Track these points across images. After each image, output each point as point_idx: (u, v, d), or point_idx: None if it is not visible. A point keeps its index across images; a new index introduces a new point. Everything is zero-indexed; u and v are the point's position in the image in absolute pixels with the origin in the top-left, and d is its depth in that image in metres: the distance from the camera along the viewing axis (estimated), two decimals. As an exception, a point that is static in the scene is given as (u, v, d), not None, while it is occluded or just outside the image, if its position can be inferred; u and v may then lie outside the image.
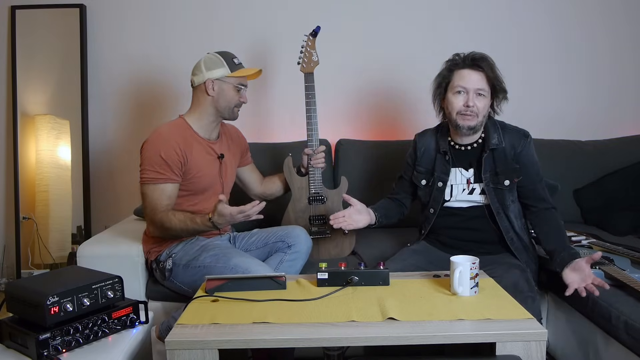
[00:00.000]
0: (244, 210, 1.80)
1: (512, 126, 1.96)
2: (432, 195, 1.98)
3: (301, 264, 2.04)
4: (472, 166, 1.94)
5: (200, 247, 1.98)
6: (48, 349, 1.33)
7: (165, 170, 1.91)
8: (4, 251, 3.01)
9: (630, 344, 1.57)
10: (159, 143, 1.93)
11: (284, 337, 1.31)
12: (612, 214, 2.55)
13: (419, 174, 2.03)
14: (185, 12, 2.89)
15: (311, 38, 2.24)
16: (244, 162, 2.28)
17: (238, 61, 2.05)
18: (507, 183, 1.89)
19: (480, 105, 1.84)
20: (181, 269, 1.94)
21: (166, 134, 1.96)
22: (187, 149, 1.96)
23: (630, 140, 2.79)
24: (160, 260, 2.00)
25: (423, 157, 2.02)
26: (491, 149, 1.89)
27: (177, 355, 1.30)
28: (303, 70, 2.24)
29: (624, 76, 2.97)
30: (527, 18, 2.91)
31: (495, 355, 1.30)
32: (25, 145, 2.92)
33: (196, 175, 1.99)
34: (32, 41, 2.89)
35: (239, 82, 2.03)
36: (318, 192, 2.25)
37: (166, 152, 1.91)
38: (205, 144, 2.05)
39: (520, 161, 1.90)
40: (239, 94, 2.04)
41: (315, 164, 2.21)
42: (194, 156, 1.98)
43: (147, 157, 1.92)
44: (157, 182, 1.91)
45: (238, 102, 2.04)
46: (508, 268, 1.81)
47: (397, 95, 2.92)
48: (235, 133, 2.27)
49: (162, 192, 1.92)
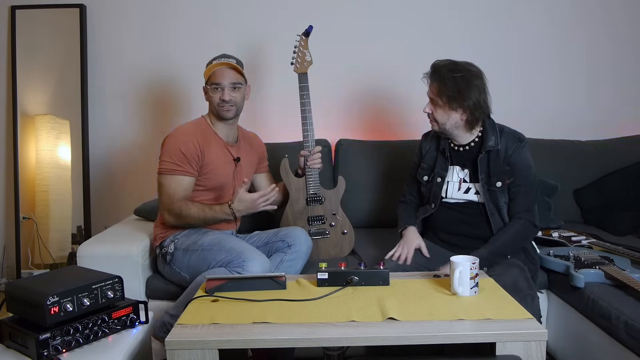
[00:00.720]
0: (264, 194, 1.92)
1: (509, 129, 1.98)
2: (432, 190, 2.03)
3: (301, 264, 2.05)
4: (467, 167, 1.98)
5: (202, 232, 2.03)
6: (48, 349, 1.33)
7: (183, 164, 1.97)
8: (4, 251, 3.01)
9: (630, 344, 1.57)
10: (180, 137, 2.01)
11: (284, 337, 1.31)
12: (612, 214, 2.55)
13: (422, 170, 2.09)
14: (184, 13, 2.89)
15: (304, 38, 2.24)
16: (261, 169, 2.32)
17: (217, 61, 2.07)
18: (499, 185, 1.91)
19: (436, 114, 1.92)
20: (181, 253, 1.98)
21: (187, 130, 2.05)
22: (205, 145, 2.03)
23: (630, 140, 2.79)
24: (163, 245, 2.04)
25: (427, 155, 2.08)
26: (487, 151, 1.92)
27: (177, 355, 1.30)
28: (297, 70, 2.24)
29: (624, 76, 2.97)
30: (527, 18, 2.91)
31: (495, 355, 1.30)
32: (25, 145, 2.92)
33: (211, 171, 2.04)
34: (32, 41, 2.89)
35: (211, 83, 2.05)
36: (316, 193, 2.24)
37: (185, 146, 1.98)
38: (223, 145, 2.10)
39: (511, 163, 1.92)
40: (217, 93, 2.04)
41: (312, 164, 2.21)
42: (210, 153, 2.04)
43: (166, 150, 2.00)
44: (175, 173, 1.97)
45: (218, 101, 2.05)
46: (507, 267, 1.83)
47: (398, 95, 2.92)
48: (255, 140, 2.32)
49: (179, 183, 1.98)
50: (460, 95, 1.85)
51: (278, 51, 2.85)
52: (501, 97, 2.94)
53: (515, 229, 1.91)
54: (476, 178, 1.95)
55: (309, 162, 2.21)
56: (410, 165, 2.19)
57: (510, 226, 1.92)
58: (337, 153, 2.69)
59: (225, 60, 2.06)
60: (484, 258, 1.81)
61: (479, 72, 1.90)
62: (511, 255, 1.93)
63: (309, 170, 2.22)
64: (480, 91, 1.87)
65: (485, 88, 1.90)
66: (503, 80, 2.95)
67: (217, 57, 2.09)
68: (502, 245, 1.89)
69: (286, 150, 2.40)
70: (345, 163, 2.65)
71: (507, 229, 1.92)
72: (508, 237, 1.90)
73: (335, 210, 2.27)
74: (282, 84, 2.86)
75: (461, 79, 1.84)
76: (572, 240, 2.21)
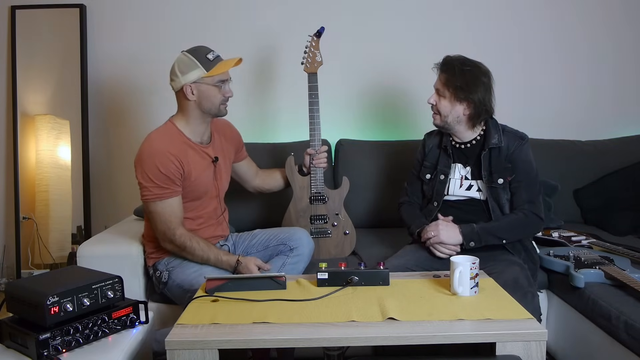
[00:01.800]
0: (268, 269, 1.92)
1: (511, 129, 2.00)
2: (434, 188, 2.03)
3: (303, 266, 2.04)
4: (469, 164, 1.99)
5: None
6: (48, 349, 1.33)
7: (168, 185, 1.85)
8: (4, 251, 3.01)
9: (630, 344, 1.57)
10: (155, 157, 1.84)
11: (284, 337, 1.31)
12: (612, 214, 2.55)
13: (425, 168, 2.10)
14: (185, 12, 2.89)
15: (315, 38, 2.25)
16: (239, 158, 2.22)
17: (213, 55, 1.91)
18: (501, 182, 1.92)
19: (440, 105, 1.94)
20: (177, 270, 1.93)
21: (159, 146, 1.87)
22: (183, 158, 1.89)
23: (630, 140, 2.79)
24: (157, 269, 1.99)
25: (429, 153, 2.10)
26: (490, 148, 1.93)
27: (177, 355, 1.30)
28: (307, 70, 2.24)
29: (624, 76, 2.97)
30: (529, 18, 2.91)
31: (495, 355, 1.30)
32: (25, 145, 2.92)
33: (193, 183, 1.94)
34: (32, 41, 2.89)
35: (218, 80, 1.90)
36: (319, 192, 2.25)
37: (164, 165, 1.83)
38: (199, 149, 1.97)
39: (512, 160, 1.94)
40: (222, 90, 1.92)
41: (317, 163, 2.21)
42: (189, 164, 1.91)
43: (145, 172, 1.84)
44: (163, 197, 1.85)
45: (222, 98, 1.93)
46: (508, 264, 1.83)
47: (399, 95, 2.92)
48: (228, 128, 2.18)
49: (170, 206, 1.86)
50: (468, 87, 1.88)
51: (286, 51, 2.84)
52: (502, 97, 2.94)
53: (516, 216, 1.92)
54: (478, 175, 1.96)
55: (314, 161, 2.21)
56: (412, 165, 2.18)
57: (512, 214, 1.93)
58: (337, 153, 2.69)
59: (216, 53, 1.93)
60: (474, 232, 1.85)
61: (488, 71, 1.95)
62: (511, 250, 1.93)
63: (314, 169, 2.23)
64: (486, 89, 1.91)
65: (492, 88, 1.94)
66: (504, 81, 2.92)
67: (207, 52, 1.91)
68: (496, 227, 1.89)
69: (292, 149, 2.41)
70: (345, 163, 2.65)
71: (507, 215, 1.93)
72: (505, 221, 1.91)
73: (338, 210, 2.27)
74: (290, 84, 2.86)
75: (470, 73, 1.89)
76: (572, 240, 2.21)
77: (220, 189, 2.08)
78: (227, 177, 2.14)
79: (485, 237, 1.88)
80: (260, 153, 2.51)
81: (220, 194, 2.09)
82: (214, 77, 1.90)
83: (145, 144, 1.90)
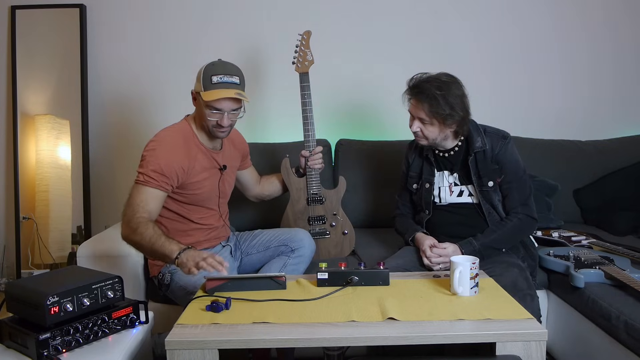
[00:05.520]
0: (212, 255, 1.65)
1: (492, 128, 1.98)
2: (422, 197, 2.04)
3: (304, 267, 2.04)
4: (455, 170, 1.99)
5: None
6: (48, 349, 1.33)
7: (159, 179, 1.82)
8: (4, 251, 3.01)
9: (630, 344, 1.57)
10: (163, 153, 1.83)
11: (284, 337, 1.31)
12: (612, 214, 2.55)
13: (411, 179, 2.10)
14: (184, 13, 2.89)
15: (305, 37, 2.23)
16: (244, 166, 2.23)
17: (218, 80, 1.83)
18: (491, 184, 1.92)
19: (427, 132, 1.89)
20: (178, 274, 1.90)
21: (171, 145, 1.86)
22: (191, 162, 1.88)
23: (630, 140, 2.79)
24: (160, 271, 1.97)
25: (413, 164, 2.10)
26: (475, 152, 1.92)
27: (177, 355, 1.30)
28: (298, 70, 2.23)
29: (624, 76, 2.97)
30: (529, 18, 2.91)
31: (495, 355, 1.30)
32: (25, 145, 2.92)
33: (197, 188, 1.93)
34: (32, 41, 2.89)
35: (207, 105, 1.83)
36: (316, 193, 2.24)
37: (167, 165, 1.82)
38: (209, 154, 1.97)
39: (499, 161, 1.93)
40: (214, 116, 1.85)
41: (312, 164, 2.21)
42: (196, 169, 1.90)
43: (146, 161, 1.83)
44: (149, 185, 1.81)
45: (214, 123, 1.86)
46: (507, 266, 1.83)
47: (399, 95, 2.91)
48: (238, 137, 2.19)
49: (148, 195, 1.81)
50: (454, 110, 1.83)
51: (278, 51, 2.84)
52: (502, 98, 2.97)
53: (513, 223, 1.92)
54: (467, 180, 1.96)
55: (309, 162, 2.21)
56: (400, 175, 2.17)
57: (508, 221, 1.92)
58: (337, 153, 2.69)
59: (229, 80, 1.84)
60: (475, 250, 1.85)
61: (457, 81, 1.87)
62: (509, 250, 1.93)
63: (310, 170, 2.22)
64: (464, 100, 1.86)
65: (466, 93, 1.88)
66: (504, 81, 2.95)
67: (219, 74, 1.83)
68: (495, 240, 1.90)
69: (287, 150, 2.40)
70: (345, 163, 2.65)
71: (504, 224, 1.92)
72: (504, 231, 1.91)
73: (336, 210, 2.27)
74: (283, 84, 2.85)
75: (450, 96, 1.82)
76: (572, 240, 2.22)
77: (222, 195, 2.06)
78: (230, 185, 2.12)
79: (486, 252, 1.87)
80: (255, 154, 2.47)
81: (221, 200, 2.07)
82: (205, 100, 1.83)
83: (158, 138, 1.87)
